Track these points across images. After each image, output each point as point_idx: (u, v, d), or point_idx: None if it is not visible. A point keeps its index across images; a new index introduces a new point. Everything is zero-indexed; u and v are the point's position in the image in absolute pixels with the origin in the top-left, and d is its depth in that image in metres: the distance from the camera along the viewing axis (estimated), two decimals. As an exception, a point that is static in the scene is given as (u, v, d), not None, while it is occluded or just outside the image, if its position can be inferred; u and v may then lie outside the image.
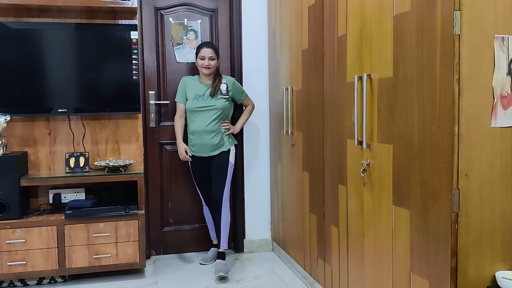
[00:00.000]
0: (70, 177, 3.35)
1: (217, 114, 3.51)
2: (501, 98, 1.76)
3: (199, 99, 3.51)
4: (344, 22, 2.51)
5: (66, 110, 3.44)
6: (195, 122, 3.53)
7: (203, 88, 3.55)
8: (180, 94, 3.60)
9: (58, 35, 3.40)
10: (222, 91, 3.53)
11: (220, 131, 3.54)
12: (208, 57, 3.48)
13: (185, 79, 3.64)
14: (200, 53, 3.50)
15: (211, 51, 3.50)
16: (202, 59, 3.49)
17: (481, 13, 1.71)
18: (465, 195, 1.74)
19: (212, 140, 3.51)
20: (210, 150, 3.53)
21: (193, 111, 3.52)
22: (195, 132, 3.53)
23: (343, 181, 2.59)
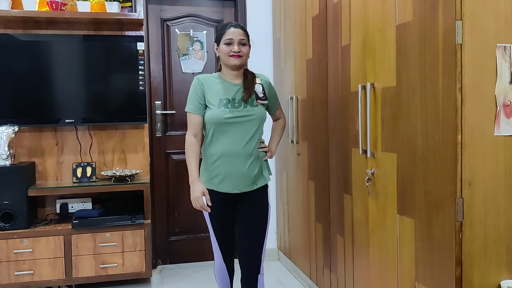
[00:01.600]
0: (77, 187, 3.38)
1: (256, 128, 2.40)
2: (504, 107, 1.76)
3: (229, 106, 2.37)
4: (347, 32, 2.53)
5: (74, 120, 3.48)
6: (224, 141, 2.36)
7: (231, 89, 2.41)
8: (194, 101, 2.41)
9: (65, 46, 3.45)
10: (259, 93, 2.46)
11: (259, 156, 2.46)
12: (238, 40, 2.37)
13: (201, 78, 2.44)
14: (226, 35, 2.37)
15: (241, 33, 2.39)
16: (228, 43, 2.36)
17: (482, 23, 1.72)
18: (469, 204, 1.73)
19: (249, 169, 2.39)
20: (245, 185, 2.41)
21: (221, 124, 2.35)
22: (223, 156, 2.37)
23: (348, 190, 2.59)
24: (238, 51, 2.36)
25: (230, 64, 2.40)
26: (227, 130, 2.36)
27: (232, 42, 2.37)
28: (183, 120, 3.92)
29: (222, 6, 4.02)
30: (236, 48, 2.36)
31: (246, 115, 2.38)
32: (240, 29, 2.41)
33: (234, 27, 2.40)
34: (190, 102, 2.45)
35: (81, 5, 3.41)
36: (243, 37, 2.39)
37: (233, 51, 2.36)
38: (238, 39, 2.37)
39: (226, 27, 2.41)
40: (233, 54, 2.37)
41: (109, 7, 3.43)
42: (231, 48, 2.37)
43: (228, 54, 2.37)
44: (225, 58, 2.39)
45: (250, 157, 2.39)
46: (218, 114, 2.35)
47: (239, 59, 2.38)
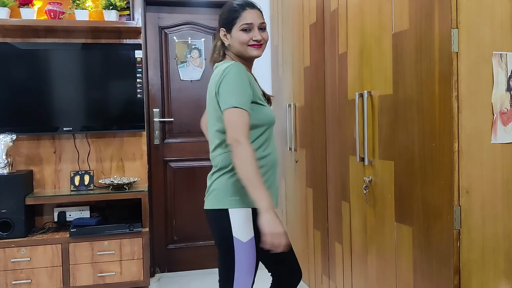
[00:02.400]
0: (75, 195, 3.37)
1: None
2: (500, 114, 1.76)
3: (267, 104, 2.01)
4: (344, 40, 2.54)
5: (72, 128, 3.48)
6: (271, 147, 1.97)
7: (258, 84, 2.03)
8: (247, 94, 1.82)
9: (63, 55, 3.46)
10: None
11: None
12: (258, 24, 1.92)
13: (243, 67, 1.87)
14: (242, 18, 1.89)
15: (260, 15, 1.94)
16: (247, 30, 1.89)
17: (478, 31, 1.73)
18: (466, 212, 1.73)
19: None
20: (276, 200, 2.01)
21: (271, 125, 1.97)
22: (273, 165, 1.97)
23: (346, 197, 2.58)
24: (260, 39, 1.91)
25: (249, 55, 1.93)
26: (271, 133, 1.98)
27: (251, 27, 1.89)
28: (181, 128, 3.95)
29: (220, 14, 4.03)
30: (259, 36, 1.90)
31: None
32: (257, 9, 1.94)
33: (251, 7, 1.91)
34: (240, 94, 1.79)
35: (79, 13, 3.42)
36: (262, 19, 1.94)
37: (254, 40, 1.90)
38: (258, 23, 1.91)
39: (241, 9, 1.89)
40: (255, 43, 1.90)
41: (107, 16, 3.44)
42: (251, 36, 1.89)
43: (248, 43, 1.90)
44: (243, 48, 1.91)
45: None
46: (272, 114, 1.96)
47: (261, 48, 1.93)
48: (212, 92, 1.87)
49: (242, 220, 1.85)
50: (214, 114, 1.89)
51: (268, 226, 1.69)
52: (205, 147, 3.93)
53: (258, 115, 1.87)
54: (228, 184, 1.88)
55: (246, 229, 1.84)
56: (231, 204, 1.86)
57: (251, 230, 1.85)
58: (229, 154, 1.84)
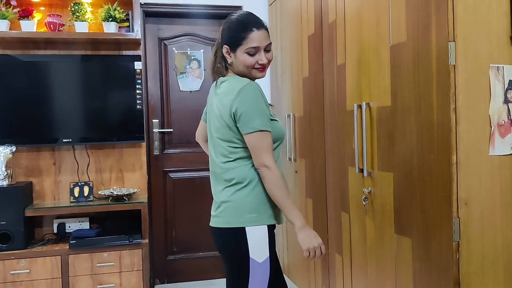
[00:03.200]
0: (74, 207, 3.37)
1: None
2: (498, 127, 1.77)
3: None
4: (342, 52, 2.55)
5: (71, 140, 3.49)
6: (280, 159, 1.96)
7: None
8: (267, 114, 1.80)
9: (63, 66, 3.47)
10: None
11: None
12: (265, 47, 1.83)
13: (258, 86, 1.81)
14: (248, 41, 1.79)
15: (267, 35, 1.84)
16: (252, 53, 1.80)
17: (475, 43, 1.74)
18: (465, 223, 1.73)
19: None
20: None
21: (283, 140, 1.95)
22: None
23: (346, 208, 2.59)
24: (265, 63, 1.83)
25: (253, 77, 1.86)
26: (281, 146, 1.95)
27: (258, 50, 1.80)
28: (181, 138, 3.95)
29: (219, 25, 4.05)
30: (265, 59, 1.81)
31: None
32: (264, 28, 1.83)
33: (258, 28, 1.79)
34: (263, 115, 1.76)
35: (79, 25, 3.43)
36: (269, 40, 1.83)
37: (260, 63, 1.82)
38: (265, 46, 1.82)
39: (248, 29, 1.78)
40: (260, 66, 1.83)
41: (107, 27, 3.46)
42: (257, 59, 1.80)
43: (253, 66, 1.82)
44: (247, 70, 1.83)
45: None
46: (282, 127, 1.92)
47: (265, 71, 1.87)
48: (227, 110, 1.79)
49: (259, 239, 1.79)
50: (227, 132, 1.83)
51: (305, 243, 1.76)
52: (204, 157, 3.93)
53: (274, 130, 1.83)
54: (245, 200, 1.80)
55: (263, 249, 1.79)
56: (249, 222, 1.79)
57: (267, 249, 1.80)
58: (245, 167, 1.81)
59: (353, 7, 2.42)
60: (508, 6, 1.77)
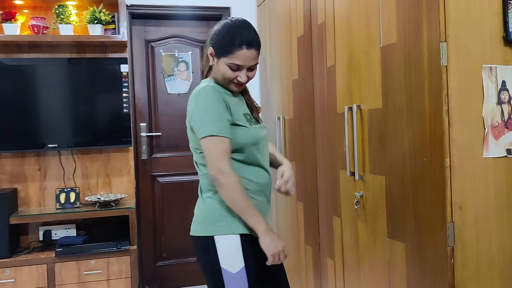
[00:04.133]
0: (61, 214, 3.29)
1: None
2: (492, 128, 1.73)
3: (252, 123, 1.87)
4: (332, 53, 2.51)
5: (57, 145, 3.41)
6: (259, 168, 1.86)
7: (241, 101, 1.91)
8: (223, 118, 1.73)
9: (48, 70, 3.39)
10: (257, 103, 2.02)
11: None
12: (249, 66, 1.77)
13: (217, 88, 1.77)
14: (234, 57, 1.73)
15: (255, 55, 1.76)
16: (235, 69, 1.75)
17: (467, 44, 1.70)
18: (460, 228, 1.69)
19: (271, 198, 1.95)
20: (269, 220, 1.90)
21: (257, 147, 1.84)
22: (262, 188, 1.86)
23: (337, 212, 2.54)
24: (243, 81, 1.78)
25: (228, 88, 1.82)
26: (260, 153, 1.84)
27: (240, 68, 1.75)
28: (169, 142, 3.89)
29: (207, 26, 4.01)
30: (244, 77, 1.77)
31: (265, 134, 1.91)
32: (255, 48, 1.74)
33: (248, 48, 1.72)
34: (216, 120, 1.70)
35: (64, 28, 3.36)
36: (256, 60, 1.77)
37: (238, 80, 1.77)
38: (249, 65, 1.76)
39: (237, 45, 1.71)
40: (237, 82, 1.78)
41: (92, 30, 3.39)
42: (237, 75, 1.76)
43: (231, 79, 1.78)
44: (223, 81, 1.79)
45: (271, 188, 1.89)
46: (255, 133, 1.82)
47: (241, 86, 1.83)
48: (188, 115, 1.80)
49: (230, 249, 1.72)
50: (192, 138, 1.84)
51: (270, 248, 1.70)
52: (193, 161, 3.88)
53: (237, 138, 1.76)
54: (214, 208, 1.77)
55: (236, 259, 1.72)
56: (217, 231, 1.74)
57: (241, 259, 1.72)
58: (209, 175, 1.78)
59: (343, 8, 2.38)
60: (500, 6, 1.74)
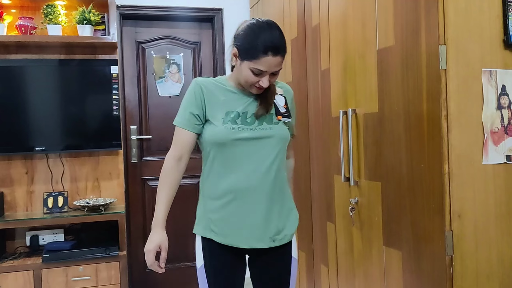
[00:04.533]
0: (48, 218, 3.20)
1: (277, 152, 1.74)
2: (491, 134, 1.69)
3: (239, 122, 1.72)
4: (327, 56, 2.46)
5: (45, 148, 3.32)
6: (233, 172, 1.72)
7: (242, 99, 1.77)
8: (186, 111, 1.74)
9: (36, 71, 3.31)
10: (280, 107, 1.80)
11: (286, 192, 1.80)
12: (272, 72, 1.69)
13: (201, 81, 1.77)
14: (258, 62, 1.65)
15: (280, 62, 1.68)
16: (258, 74, 1.67)
17: (467, 47, 1.66)
18: (459, 237, 1.65)
19: (271, 213, 1.72)
20: (264, 237, 1.72)
21: (228, 148, 1.71)
22: (233, 193, 1.71)
23: (332, 218, 2.49)
24: (265, 86, 1.70)
25: (248, 90, 1.75)
26: (238, 156, 1.70)
27: (263, 74, 1.68)
28: (160, 145, 3.82)
29: (199, 27, 3.94)
30: (266, 83, 1.69)
31: (262, 136, 1.71)
32: (281, 55, 1.66)
33: (274, 54, 1.64)
34: (180, 112, 1.75)
35: (52, 28, 3.28)
36: (280, 66, 1.69)
37: (260, 84, 1.69)
38: (273, 70, 1.68)
39: (263, 51, 1.63)
40: (258, 86, 1.71)
41: (81, 31, 3.31)
42: (259, 80, 1.68)
43: (253, 84, 1.70)
44: (245, 84, 1.72)
45: (273, 194, 1.72)
46: (224, 133, 1.69)
47: (261, 91, 1.74)
48: None
49: (197, 247, 1.80)
50: None
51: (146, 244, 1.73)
52: (185, 164, 3.81)
53: (206, 135, 1.73)
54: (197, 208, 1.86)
55: (198, 256, 1.79)
56: (195, 229, 1.83)
57: (201, 258, 1.77)
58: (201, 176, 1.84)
59: (338, 10, 2.33)
60: (500, 8, 1.70)
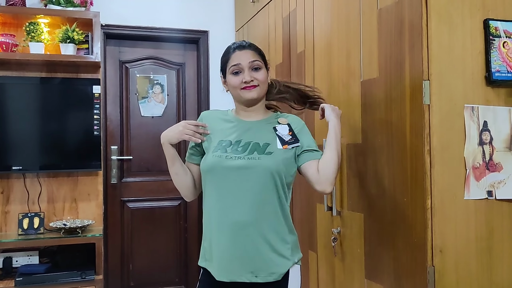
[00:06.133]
0: (23, 240, 3.12)
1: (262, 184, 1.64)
2: (473, 169, 1.69)
3: (229, 150, 1.69)
4: (311, 83, 2.46)
5: (22, 167, 3.25)
6: (216, 201, 1.68)
7: (240, 127, 1.76)
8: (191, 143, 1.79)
9: (16, 89, 3.25)
10: (283, 136, 1.73)
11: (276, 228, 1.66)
12: (249, 64, 1.71)
13: (205, 114, 1.86)
14: (230, 61, 1.73)
15: (251, 54, 1.72)
16: (236, 72, 1.72)
17: (450, 83, 1.67)
18: (440, 272, 1.64)
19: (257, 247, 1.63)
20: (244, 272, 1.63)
21: (212, 176, 1.69)
22: (214, 222, 1.68)
23: (313, 247, 2.46)
24: (250, 80, 1.70)
25: (244, 100, 1.73)
26: (225, 185, 1.65)
27: (240, 69, 1.70)
28: (140, 166, 3.77)
29: (184, 49, 3.93)
30: (248, 77, 1.69)
31: (248, 166, 1.63)
32: (248, 48, 1.72)
33: (239, 48, 1.72)
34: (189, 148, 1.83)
35: (34, 46, 3.23)
36: (255, 58, 1.72)
37: (244, 82, 1.70)
38: (247, 63, 1.70)
39: (231, 51, 1.73)
40: (246, 85, 1.70)
41: (64, 49, 3.27)
42: (241, 78, 1.70)
43: (239, 86, 1.71)
44: (236, 93, 1.73)
45: (257, 226, 1.62)
46: (212, 161, 1.67)
47: (255, 90, 1.71)
48: None
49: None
50: None
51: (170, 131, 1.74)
52: (164, 186, 3.77)
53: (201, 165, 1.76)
54: None
55: None
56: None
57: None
58: None
59: (323, 38, 2.34)
60: (482, 45, 1.72)
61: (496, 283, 1.70)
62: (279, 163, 1.66)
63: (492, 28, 1.72)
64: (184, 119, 3.83)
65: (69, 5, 3.32)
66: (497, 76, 1.71)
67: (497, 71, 1.71)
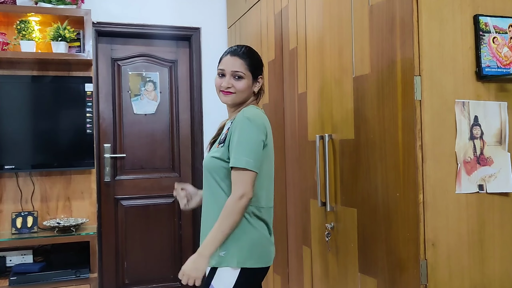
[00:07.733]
0: (16, 239, 3.11)
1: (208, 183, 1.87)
2: (464, 164, 1.72)
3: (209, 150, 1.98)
4: (304, 80, 2.48)
5: (15, 166, 3.24)
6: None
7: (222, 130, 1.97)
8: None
9: (8, 88, 3.23)
10: (223, 134, 1.89)
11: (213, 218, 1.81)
12: (231, 72, 1.85)
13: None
14: (220, 63, 1.90)
15: (238, 63, 1.85)
16: (221, 75, 1.88)
17: (441, 79, 1.69)
18: (433, 266, 1.66)
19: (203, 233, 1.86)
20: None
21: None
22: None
23: (307, 242, 2.48)
24: (228, 87, 1.85)
25: (221, 101, 1.92)
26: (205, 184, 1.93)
27: (224, 73, 1.86)
28: (134, 164, 3.77)
29: (176, 46, 3.93)
30: (226, 83, 1.84)
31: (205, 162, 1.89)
32: (238, 56, 1.85)
33: (232, 54, 1.87)
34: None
35: (25, 44, 3.21)
36: (239, 68, 1.84)
37: (223, 87, 1.85)
38: (231, 71, 1.84)
39: (224, 54, 1.91)
40: (223, 90, 1.86)
41: (56, 47, 3.25)
42: (221, 82, 1.86)
43: (219, 88, 1.87)
44: (218, 93, 1.90)
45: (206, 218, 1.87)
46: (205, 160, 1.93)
47: (230, 96, 1.85)
48: None
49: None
50: None
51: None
52: (158, 183, 3.77)
53: None
54: None
55: None
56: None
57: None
58: None
59: (315, 35, 2.35)
60: (472, 40, 1.74)
61: (488, 276, 1.73)
62: (213, 160, 1.83)
63: (482, 24, 1.74)
64: (177, 116, 3.83)
65: (60, 2, 3.30)
66: (487, 71, 1.73)
67: (487, 66, 1.73)
